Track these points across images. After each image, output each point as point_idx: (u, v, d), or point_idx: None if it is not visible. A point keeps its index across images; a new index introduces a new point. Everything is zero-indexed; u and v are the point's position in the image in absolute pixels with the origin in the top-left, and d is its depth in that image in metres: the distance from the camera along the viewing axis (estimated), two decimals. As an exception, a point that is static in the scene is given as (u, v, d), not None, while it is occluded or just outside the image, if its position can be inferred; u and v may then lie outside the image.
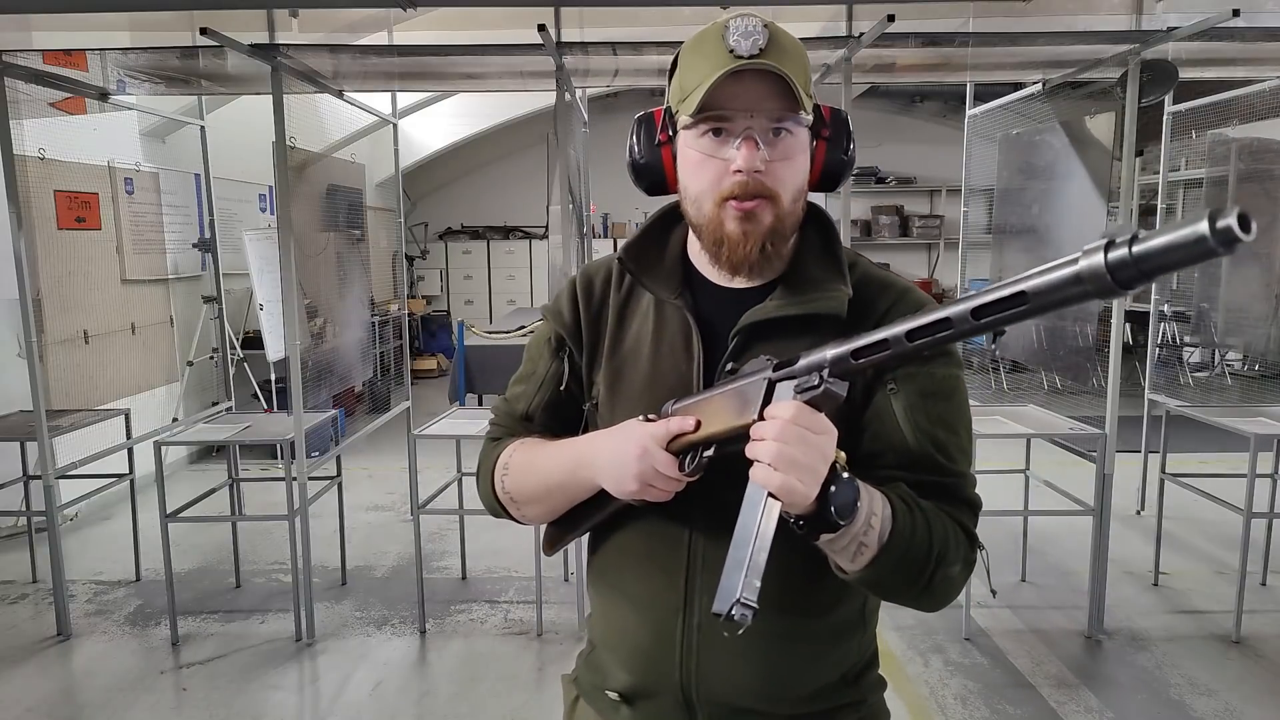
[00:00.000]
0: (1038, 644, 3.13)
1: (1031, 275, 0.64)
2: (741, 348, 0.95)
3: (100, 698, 2.82)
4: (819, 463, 0.77)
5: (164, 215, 5.30)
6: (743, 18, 0.89)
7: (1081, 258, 0.61)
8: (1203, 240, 0.54)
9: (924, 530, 0.87)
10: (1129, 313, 5.25)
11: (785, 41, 0.90)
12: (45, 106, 3.51)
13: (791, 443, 0.76)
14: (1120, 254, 0.58)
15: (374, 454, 5.64)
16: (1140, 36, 3.02)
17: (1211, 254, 0.55)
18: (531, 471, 1.02)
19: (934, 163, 9.32)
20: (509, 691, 2.84)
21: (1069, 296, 0.63)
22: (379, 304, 6.32)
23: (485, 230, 9.99)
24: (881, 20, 2.78)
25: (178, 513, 3.25)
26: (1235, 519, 3.14)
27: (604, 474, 0.92)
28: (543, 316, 1.12)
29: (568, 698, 1.14)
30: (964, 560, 0.91)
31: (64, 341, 4.24)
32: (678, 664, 0.97)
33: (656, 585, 0.98)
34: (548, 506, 1.02)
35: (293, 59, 3.15)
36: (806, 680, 0.98)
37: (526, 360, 1.11)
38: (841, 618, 0.99)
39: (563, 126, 3.31)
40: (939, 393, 0.94)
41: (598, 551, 1.07)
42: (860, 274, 0.98)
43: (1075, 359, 3.62)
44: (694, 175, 0.93)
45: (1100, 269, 0.59)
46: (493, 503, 1.08)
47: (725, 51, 0.88)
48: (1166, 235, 0.56)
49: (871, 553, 0.83)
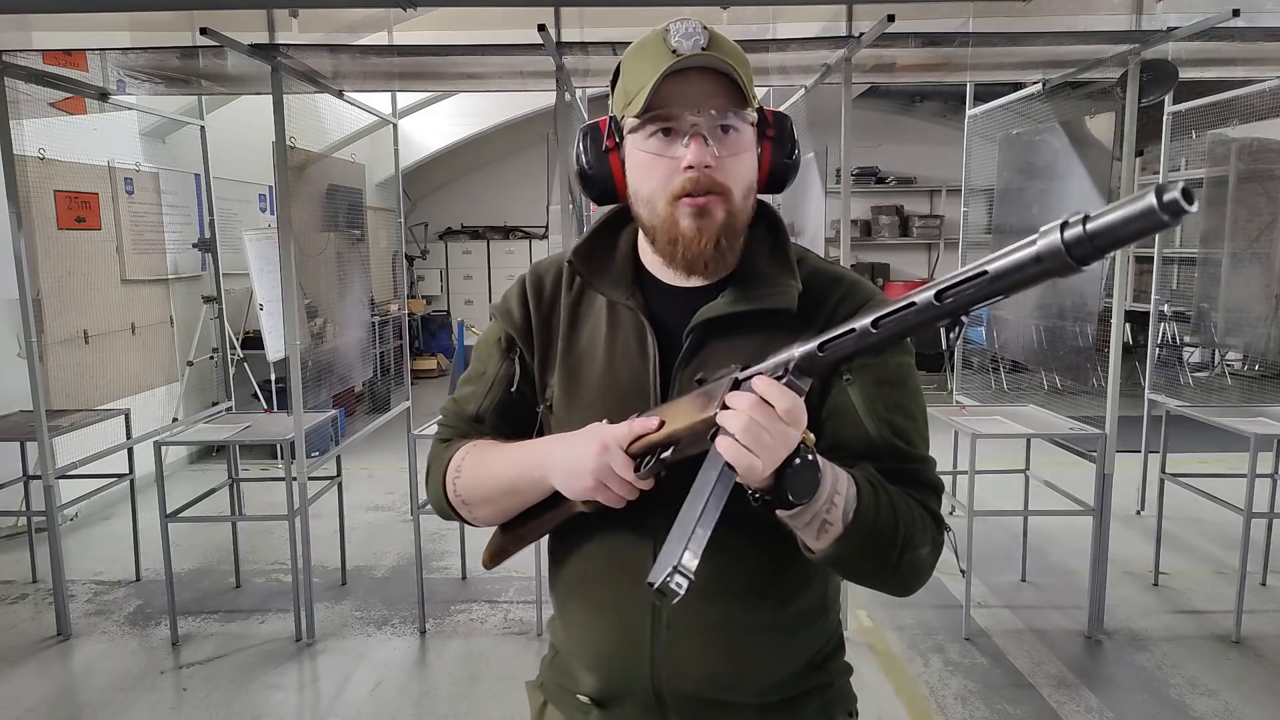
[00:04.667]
0: (1038, 644, 3.13)
1: (994, 257, 0.67)
2: (696, 346, 0.95)
3: (100, 698, 2.82)
4: (781, 446, 0.77)
5: (164, 215, 5.30)
6: (682, 21, 0.90)
7: (1039, 238, 0.64)
8: (1151, 213, 0.58)
9: (889, 510, 0.87)
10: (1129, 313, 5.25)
11: (726, 44, 0.91)
12: (45, 106, 3.51)
13: (761, 419, 0.76)
14: (1075, 232, 0.62)
15: (374, 454, 5.64)
16: (1140, 36, 3.02)
17: (1160, 226, 0.58)
18: (485, 473, 1.01)
19: (934, 163, 9.32)
20: (509, 691, 2.84)
21: (1030, 275, 0.65)
22: (379, 304, 6.32)
23: (485, 230, 9.99)
24: (881, 20, 2.78)
25: (178, 513, 3.25)
26: (1235, 519, 3.14)
27: (559, 473, 0.92)
28: (491, 316, 1.11)
29: (534, 703, 1.13)
30: (931, 542, 0.92)
31: (64, 341, 4.23)
32: (647, 662, 0.97)
33: (622, 589, 0.98)
34: (500, 508, 1.02)
35: (293, 59, 3.15)
36: (774, 668, 0.99)
37: (475, 360, 1.11)
38: (804, 605, 1.00)
39: (563, 126, 3.31)
40: (894, 380, 0.95)
41: (557, 558, 1.07)
42: (809, 269, 0.99)
43: (1075, 359, 3.61)
44: (644, 176, 0.93)
45: (1057, 247, 0.63)
46: (443, 504, 1.07)
47: (668, 52, 0.89)
48: (1117, 211, 0.60)
49: (837, 531, 0.84)
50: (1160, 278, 4.65)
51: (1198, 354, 7.66)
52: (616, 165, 0.98)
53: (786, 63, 3.40)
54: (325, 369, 3.70)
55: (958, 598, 3.33)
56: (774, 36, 3.18)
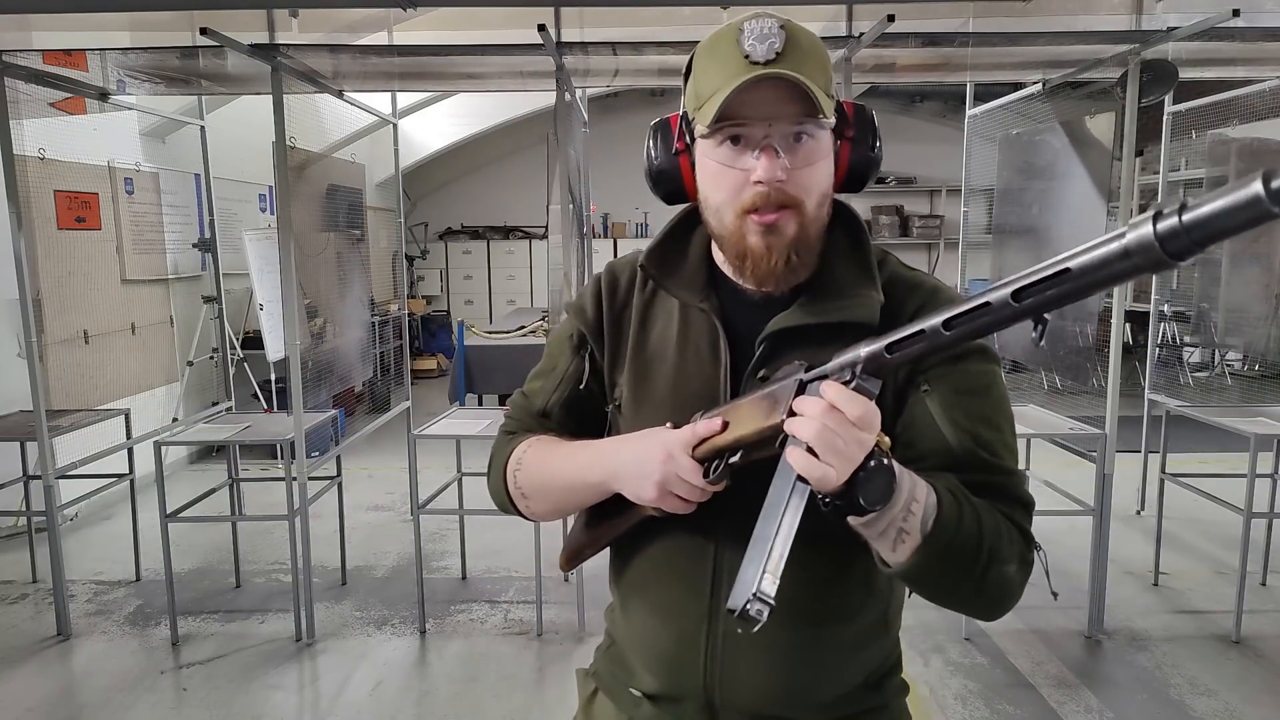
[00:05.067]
0: (1038, 644, 3.13)
1: (1075, 254, 0.61)
2: (768, 355, 0.92)
3: (100, 698, 2.82)
4: (857, 452, 0.73)
5: (164, 215, 5.30)
6: (758, 19, 0.85)
7: (1128, 231, 0.58)
8: (1258, 202, 0.52)
9: (973, 522, 0.82)
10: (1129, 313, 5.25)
11: (804, 41, 0.86)
12: (45, 106, 3.51)
13: (834, 426, 0.72)
14: (1170, 224, 0.55)
15: (374, 454, 5.64)
16: (1140, 36, 3.02)
17: (1268, 216, 0.52)
18: (546, 468, 1.00)
19: (934, 163, 9.32)
20: (509, 691, 2.84)
21: (1117, 272, 0.59)
22: (379, 304, 6.32)
23: (485, 230, 9.98)
24: (881, 20, 2.78)
25: (178, 513, 3.25)
26: (1235, 519, 3.14)
27: (624, 478, 0.90)
28: (566, 312, 1.10)
29: (584, 691, 1.12)
30: (1020, 559, 0.86)
31: (64, 341, 4.23)
32: (702, 670, 0.96)
33: (680, 594, 0.97)
34: (557, 505, 1.01)
35: (293, 59, 3.15)
36: (830, 686, 0.97)
37: (547, 356, 1.09)
38: (865, 622, 0.97)
39: (563, 126, 3.31)
40: (975, 389, 0.90)
41: (620, 554, 1.06)
42: (888, 274, 0.95)
43: (1075, 359, 3.61)
44: (713, 185, 0.89)
45: (1149, 240, 0.57)
46: (502, 496, 1.06)
47: (740, 57, 0.84)
48: (1218, 201, 0.54)
49: (914, 541, 0.79)
50: (1160, 277, 4.65)
51: (1198, 354, 7.66)
52: (686, 167, 0.94)
53: (786, 63, 3.39)
54: (325, 369, 3.70)
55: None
56: (774, 36, 3.18)
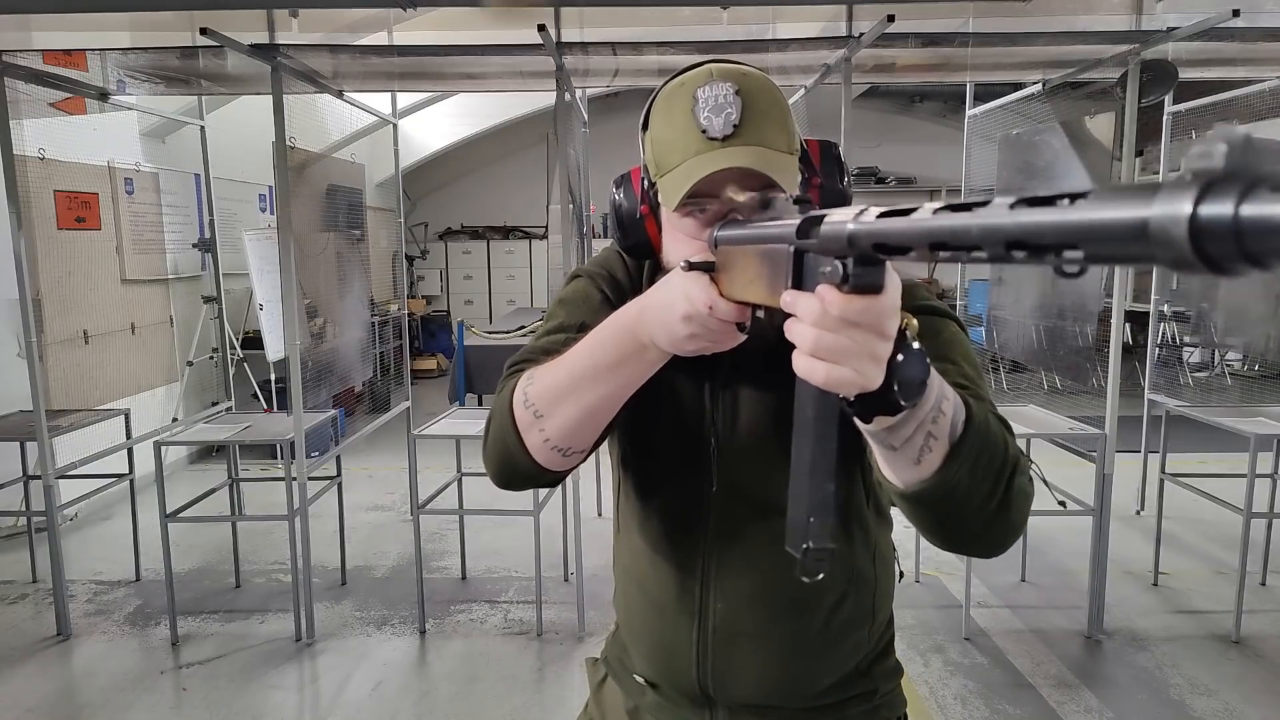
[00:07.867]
0: (1038, 644, 3.13)
1: (1083, 206, 0.38)
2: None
3: (100, 698, 2.82)
4: (877, 344, 0.59)
5: (164, 215, 5.30)
6: (712, 84, 0.82)
7: (1158, 199, 0.34)
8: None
9: (997, 423, 0.74)
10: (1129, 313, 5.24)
11: (761, 101, 0.82)
12: (45, 106, 3.51)
13: (833, 329, 0.59)
14: (1218, 212, 0.32)
15: (374, 454, 5.64)
16: (1140, 36, 3.02)
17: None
18: (562, 364, 0.87)
19: (934, 163, 9.32)
20: (509, 691, 2.84)
21: (1122, 254, 0.37)
22: (379, 304, 6.32)
23: (485, 230, 9.98)
24: (881, 20, 2.78)
25: (178, 513, 3.25)
26: (1235, 519, 3.14)
27: (650, 321, 0.79)
28: (578, 275, 1.05)
29: (594, 678, 1.16)
30: (1026, 470, 0.79)
31: (64, 341, 4.24)
32: (693, 665, 1.00)
33: (671, 589, 1.00)
34: (580, 402, 0.85)
35: (293, 59, 3.16)
36: (820, 675, 1.00)
37: (561, 313, 1.02)
38: (849, 613, 0.99)
39: (563, 126, 3.31)
40: (927, 333, 0.79)
41: (619, 536, 1.10)
42: None
43: (1075, 359, 3.61)
44: (680, 253, 0.85)
45: (1180, 229, 0.33)
46: (507, 420, 0.90)
47: (698, 132, 0.81)
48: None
49: (943, 449, 0.70)
50: (1160, 277, 4.65)
51: (1198, 354, 7.66)
52: (654, 231, 0.94)
53: (786, 63, 3.40)
54: (325, 369, 3.70)
55: (957, 598, 3.33)
56: (774, 36, 3.18)
